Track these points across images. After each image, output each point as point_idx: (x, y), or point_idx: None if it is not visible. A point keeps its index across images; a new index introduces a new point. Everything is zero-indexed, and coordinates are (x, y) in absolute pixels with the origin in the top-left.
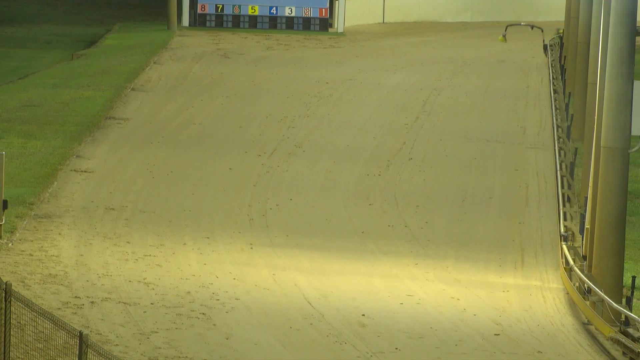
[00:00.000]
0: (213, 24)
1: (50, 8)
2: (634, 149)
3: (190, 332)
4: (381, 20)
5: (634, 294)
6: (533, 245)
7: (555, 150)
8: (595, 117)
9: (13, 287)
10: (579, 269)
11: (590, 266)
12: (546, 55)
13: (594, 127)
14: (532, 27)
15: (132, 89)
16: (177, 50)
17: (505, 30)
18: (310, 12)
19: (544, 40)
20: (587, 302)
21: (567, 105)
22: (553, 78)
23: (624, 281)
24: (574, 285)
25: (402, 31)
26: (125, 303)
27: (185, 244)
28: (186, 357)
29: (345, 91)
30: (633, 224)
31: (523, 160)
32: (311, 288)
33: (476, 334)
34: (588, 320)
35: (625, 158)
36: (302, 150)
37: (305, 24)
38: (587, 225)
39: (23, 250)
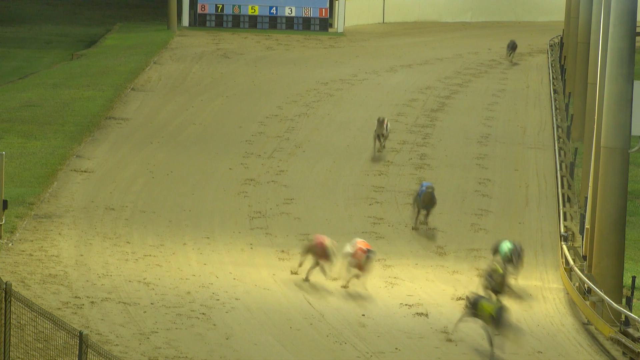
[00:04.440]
0: (213, 24)
1: (50, 8)
2: (634, 149)
3: (190, 332)
4: (381, 20)
5: (634, 294)
6: (533, 245)
7: (555, 150)
8: (595, 117)
9: (13, 287)
10: (579, 269)
11: (590, 266)
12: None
13: (594, 127)
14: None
15: (132, 89)
16: (177, 50)
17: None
18: (310, 12)
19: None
20: (587, 302)
21: (567, 105)
22: (553, 78)
23: (624, 281)
24: (574, 285)
25: (402, 31)
26: (125, 303)
27: (185, 244)
28: (186, 357)
29: (345, 91)
30: (633, 224)
31: (523, 160)
32: (311, 288)
33: (476, 334)
34: (588, 320)
35: (625, 158)
36: (302, 150)
37: (305, 24)
38: (587, 225)
39: (23, 250)
